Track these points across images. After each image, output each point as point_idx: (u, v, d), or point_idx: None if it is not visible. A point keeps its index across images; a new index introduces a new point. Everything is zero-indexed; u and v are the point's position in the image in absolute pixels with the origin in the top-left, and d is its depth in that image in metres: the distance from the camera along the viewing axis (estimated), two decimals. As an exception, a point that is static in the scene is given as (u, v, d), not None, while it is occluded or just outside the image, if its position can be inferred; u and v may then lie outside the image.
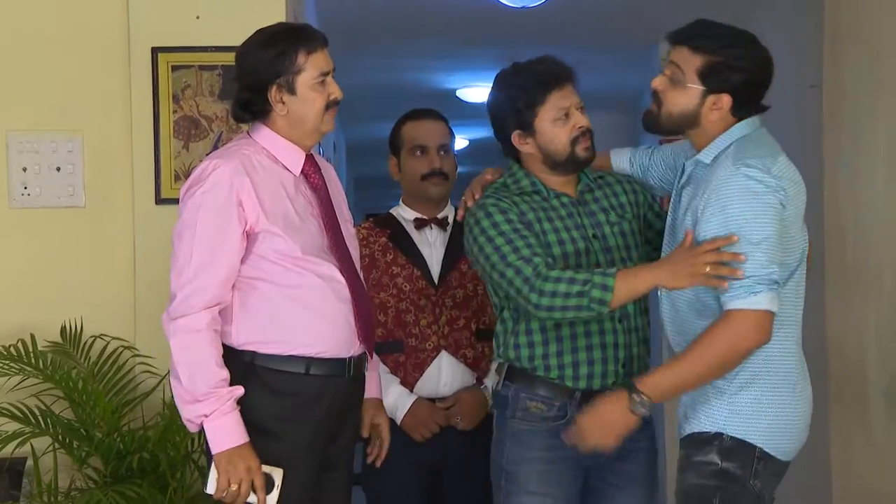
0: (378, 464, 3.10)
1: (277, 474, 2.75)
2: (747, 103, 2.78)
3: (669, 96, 2.78)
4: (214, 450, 2.72)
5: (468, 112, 8.99)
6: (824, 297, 4.10)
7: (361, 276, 2.97)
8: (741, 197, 2.64)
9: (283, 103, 2.82)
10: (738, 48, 2.75)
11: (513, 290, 2.87)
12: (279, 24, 3.05)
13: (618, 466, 2.99)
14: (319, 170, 2.94)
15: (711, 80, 2.73)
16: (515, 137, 3.00)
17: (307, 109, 2.84)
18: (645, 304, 3.01)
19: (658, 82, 2.79)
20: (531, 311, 2.84)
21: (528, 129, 2.98)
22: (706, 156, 2.77)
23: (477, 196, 3.02)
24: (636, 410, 2.72)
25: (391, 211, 3.63)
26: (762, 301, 2.62)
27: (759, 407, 2.70)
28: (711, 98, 2.74)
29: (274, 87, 2.81)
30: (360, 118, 8.91)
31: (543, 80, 2.94)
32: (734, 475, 2.70)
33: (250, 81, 2.82)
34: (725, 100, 2.74)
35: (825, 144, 4.13)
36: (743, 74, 2.74)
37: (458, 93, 8.25)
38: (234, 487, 2.71)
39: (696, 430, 2.75)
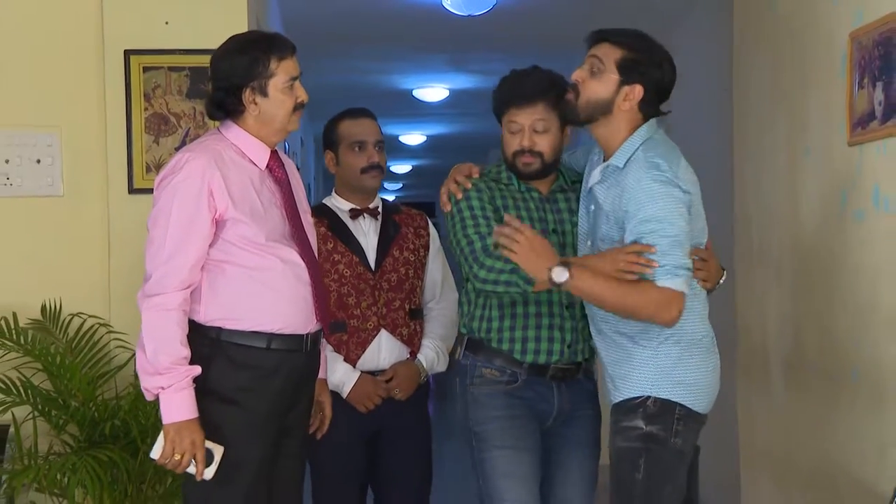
0: (319, 436, 3.17)
1: (218, 451, 2.79)
2: (656, 100, 2.86)
3: (588, 85, 2.84)
4: (165, 420, 2.76)
5: (424, 110, 9.07)
6: (734, 279, 4.20)
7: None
8: (656, 198, 2.74)
9: (256, 104, 2.87)
10: (654, 51, 2.84)
11: (462, 256, 3.01)
12: (253, 32, 3.10)
13: (562, 430, 3.11)
14: (283, 165, 3.00)
15: (628, 72, 2.81)
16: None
17: (277, 110, 2.89)
18: None
19: (577, 74, 2.86)
20: (472, 279, 2.98)
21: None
22: (619, 160, 2.84)
23: (466, 184, 3.09)
24: (552, 274, 2.76)
25: (324, 202, 3.64)
26: (681, 284, 2.75)
27: (678, 366, 2.82)
28: (626, 88, 2.81)
29: (248, 90, 2.86)
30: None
31: (503, 97, 3.06)
32: (657, 437, 2.82)
33: (226, 84, 2.86)
34: (638, 90, 2.81)
35: (735, 141, 4.22)
36: (658, 72, 2.83)
37: (415, 92, 8.30)
38: (177, 457, 2.76)
39: (624, 398, 2.86)
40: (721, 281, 2.99)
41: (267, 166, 2.93)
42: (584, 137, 3.07)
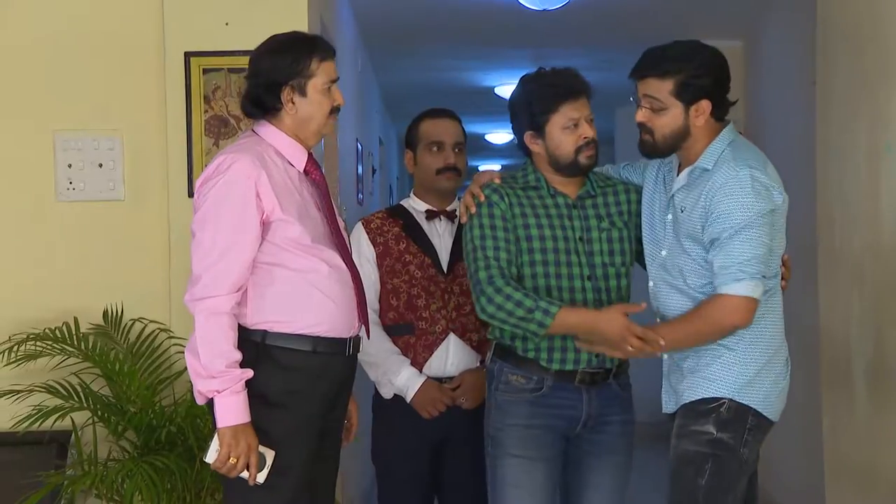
0: (345, 444, 3.12)
1: (269, 455, 2.76)
2: (723, 101, 2.88)
3: (657, 124, 2.86)
4: (220, 424, 2.73)
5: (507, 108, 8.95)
6: (818, 283, 4.05)
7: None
8: (742, 194, 2.75)
9: (293, 103, 2.85)
10: (695, 59, 2.84)
11: (472, 280, 2.99)
12: (296, 33, 3.06)
13: (593, 436, 3.06)
14: (319, 167, 2.96)
15: (686, 95, 2.83)
16: (528, 137, 3.05)
17: (314, 111, 2.86)
18: (618, 298, 3.04)
19: (642, 116, 2.87)
20: (479, 311, 2.96)
21: (539, 131, 3.02)
22: (706, 161, 2.85)
23: (479, 196, 3.06)
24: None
25: (402, 202, 3.60)
26: (743, 288, 2.74)
27: (761, 372, 2.83)
28: (693, 108, 2.84)
29: (287, 88, 2.83)
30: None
31: (559, 91, 2.99)
32: (727, 444, 2.79)
33: (265, 80, 2.84)
34: (705, 104, 2.84)
35: (817, 138, 4.07)
36: (710, 78, 2.84)
37: (497, 90, 8.19)
38: (232, 461, 2.73)
39: (697, 398, 2.83)
40: None
41: (304, 168, 2.90)
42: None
